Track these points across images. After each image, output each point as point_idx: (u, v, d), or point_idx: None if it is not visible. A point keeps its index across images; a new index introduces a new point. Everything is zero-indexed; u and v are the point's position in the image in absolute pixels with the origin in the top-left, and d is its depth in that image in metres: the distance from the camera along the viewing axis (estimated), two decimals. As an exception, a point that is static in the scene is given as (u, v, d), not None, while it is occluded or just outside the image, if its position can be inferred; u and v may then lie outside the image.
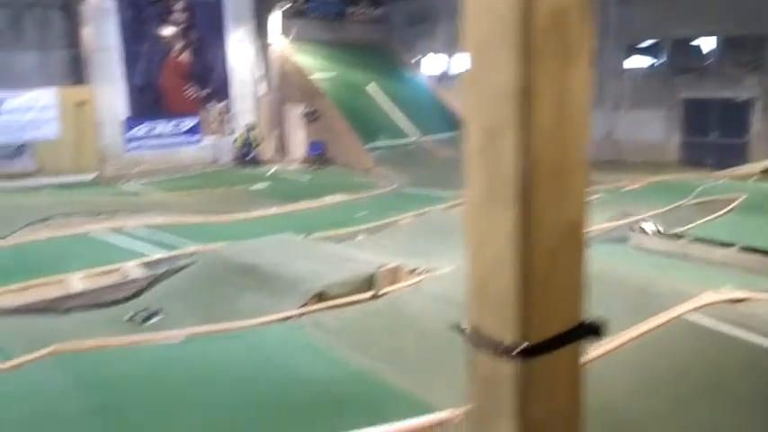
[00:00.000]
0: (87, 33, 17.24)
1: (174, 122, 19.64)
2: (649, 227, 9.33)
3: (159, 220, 11.21)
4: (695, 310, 5.09)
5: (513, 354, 1.79)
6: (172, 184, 16.53)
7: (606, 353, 4.53)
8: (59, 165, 16.89)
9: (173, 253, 8.89)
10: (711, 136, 17.91)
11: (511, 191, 1.70)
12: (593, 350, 4.58)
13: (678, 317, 4.99)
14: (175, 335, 5.67)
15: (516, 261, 1.74)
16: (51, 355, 5.20)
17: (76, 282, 7.70)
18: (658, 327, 4.88)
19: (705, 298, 5.26)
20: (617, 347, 4.63)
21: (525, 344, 1.78)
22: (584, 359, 1.87)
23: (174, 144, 19.69)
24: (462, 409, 4.25)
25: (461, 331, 2.04)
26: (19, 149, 16.73)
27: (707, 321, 4.94)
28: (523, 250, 1.73)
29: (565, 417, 1.96)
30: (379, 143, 19.93)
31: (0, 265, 8.44)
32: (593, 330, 1.93)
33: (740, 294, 5.58)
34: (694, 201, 12.15)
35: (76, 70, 17.53)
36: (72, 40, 17.36)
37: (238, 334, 5.87)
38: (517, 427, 1.85)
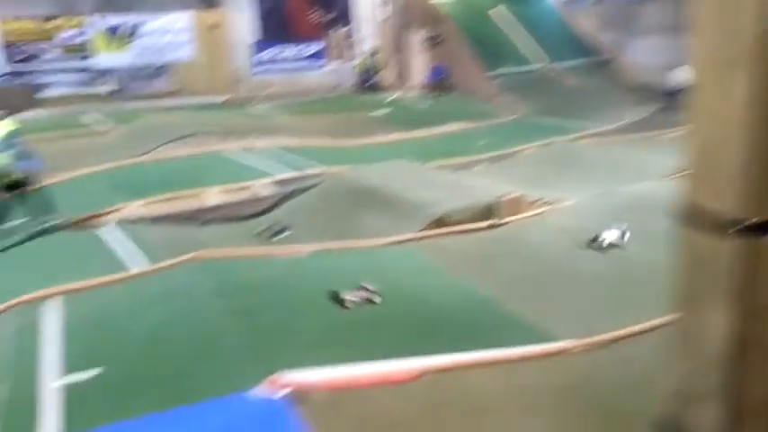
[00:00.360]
0: (220, -43, 17.71)
1: (299, 47, 19.99)
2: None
3: (287, 141, 11.64)
4: None
5: (740, 229, 1.60)
6: (296, 107, 17.00)
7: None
8: (195, 86, 17.84)
9: (300, 173, 9.24)
10: None
11: (753, 51, 1.50)
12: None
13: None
14: (302, 249, 5.97)
15: (755, 125, 1.54)
16: (192, 261, 5.66)
17: (213, 196, 8.24)
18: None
19: None
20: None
21: (755, 219, 1.58)
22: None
23: (299, 68, 20.13)
24: (581, 340, 4.21)
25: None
26: (158, 71, 17.79)
27: None
28: (764, 114, 1.53)
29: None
30: (503, 70, 19.23)
31: (144, 178, 9.19)
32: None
33: None
34: None
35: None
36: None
37: (361, 252, 6.08)
38: (737, 313, 1.68)
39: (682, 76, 15.58)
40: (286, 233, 7.13)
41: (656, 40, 19.85)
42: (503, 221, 6.69)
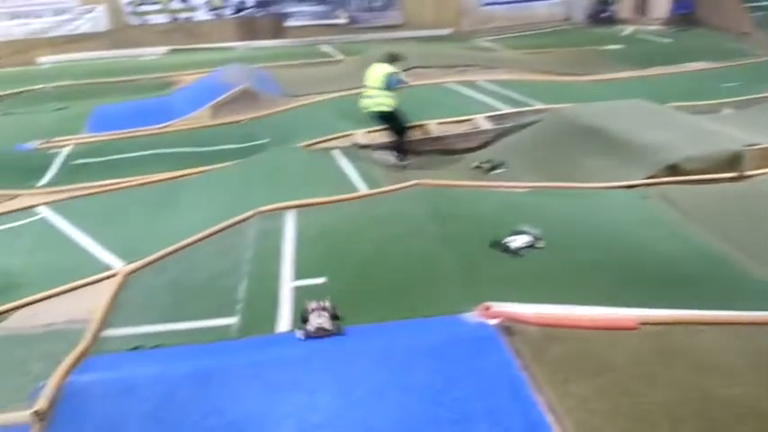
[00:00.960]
0: None
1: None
2: None
3: (509, 76, 11.41)
4: None
5: None
6: (522, 41, 16.47)
7: None
8: (422, 18, 18.08)
9: (520, 109, 9.06)
10: None
11: None
12: None
13: None
14: (521, 185, 5.93)
15: None
16: (413, 187, 5.93)
17: (434, 127, 8.45)
18: None
19: None
20: None
21: None
22: None
23: (527, 0, 19.34)
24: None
25: None
26: (387, 3, 18.27)
27: None
28: None
29: None
30: (762, 2, 16.65)
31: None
32: None
33: None
34: None
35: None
36: None
37: (581, 194, 5.87)
38: None
39: None
40: (502, 170, 7.12)
41: None
42: (748, 174, 5.98)
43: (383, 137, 8.08)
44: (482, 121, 8.67)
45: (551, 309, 3.83)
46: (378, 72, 7.80)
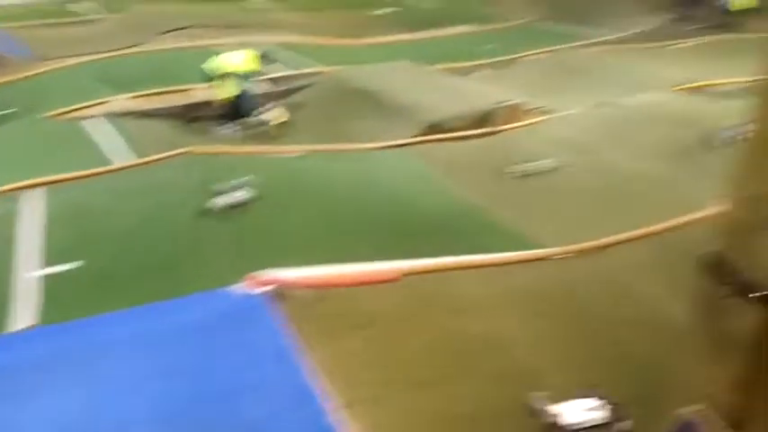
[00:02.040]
0: None
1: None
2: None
3: (284, 38, 11.22)
4: None
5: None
6: (297, 3, 16.28)
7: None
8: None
9: (293, 72, 8.96)
10: None
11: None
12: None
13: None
14: (294, 150, 5.88)
15: None
16: (183, 155, 5.59)
17: (201, 92, 8.02)
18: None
19: None
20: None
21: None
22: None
23: (301, -40, 19.11)
24: (565, 247, 4.21)
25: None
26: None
27: None
28: None
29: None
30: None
31: (132, 71, 8.85)
32: None
33: None
34: None
35: None
36: None
37: (353, 155, 6.00)
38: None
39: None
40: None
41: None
42: (498, 129, 6.56)
43: (147, 102, 7.53)
44: (256, 85, 8.41)
45: (321, 270, 3.87)
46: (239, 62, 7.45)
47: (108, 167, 5.49)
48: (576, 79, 8.97)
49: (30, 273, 3.95)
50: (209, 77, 7.58)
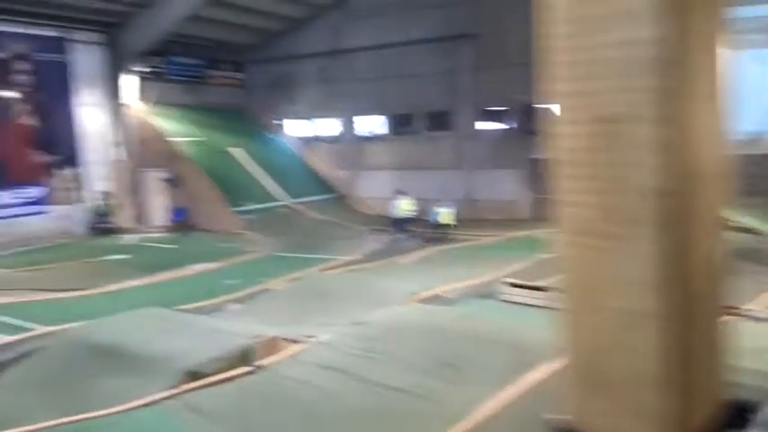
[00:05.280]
0: None
1: (16, 191, 17.98)
2: (514, 281, 9.75)
3: (1, 299, 10.05)
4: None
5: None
6: (18, 258, 14.95)
7: (495, 409, 4.56)
8: None
9: (20, 336, 7.95)
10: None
11: (649, 212, 1.13)
12: (481, 409, 4.60)
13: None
14: (27, 431, 4.99)
15: (663, 316, 1.16)
16: None
17: None
18: (544, 380, 5.02)
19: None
20: (505, 403, 4.68)
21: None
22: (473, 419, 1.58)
23: (17, 215, 17.95)
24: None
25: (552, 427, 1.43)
26: None
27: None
28: (673, 299, 1.17)
29: None
30: (247, 207, 19.53)
31: None
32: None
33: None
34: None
35: None
36: None
37: (100, 424, 5.28)
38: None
39: (404, 206, 17.45)
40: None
41: (382, 175, 22.13)
42: (260, 365, 6.44)
43: None
44: (-31, 360, 7.23)
45: None
46: None
47: None
48: (321, 302, 9.44)
49: None
50: None
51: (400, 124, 22.34)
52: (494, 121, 20.99)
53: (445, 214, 16.33)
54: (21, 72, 18.21)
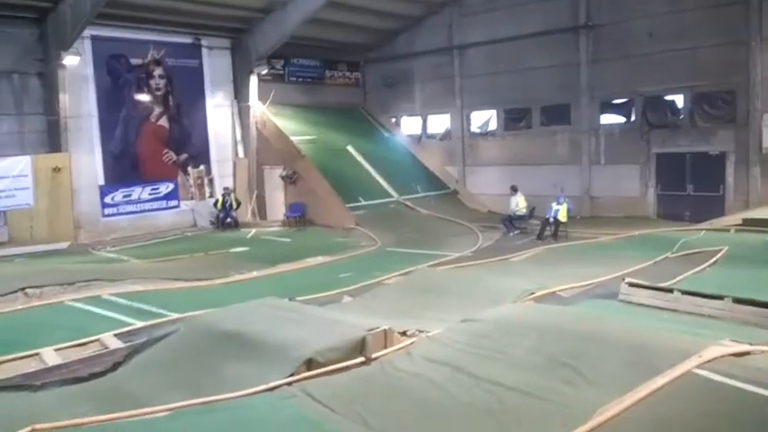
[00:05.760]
0: (64, 100, 17.14)
1: (150, 187, 19.46)
2: (636, 281, 9.26)
3: (137, 287, 10.89)
4: (702, 365, 4.95)
5: None
6: (150, 250, 16.20)
7: (618, 413, 4.34)
8: (33, 233, 16.50)
9: (152, 322, 8.57)
10: (687, 189, 18.20)
11: None
12: (605, 412, 4.40)
13: (686, 373, 4.85)
14: (159, 410, 5.35)
15: None
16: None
17: (52, 355, 7.33)
18: (668, 384, 4.72)
19: (710, 352, 5.13)
20: (628, 407, 4.44)
21: None
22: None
23: (151, 209, 19.45)
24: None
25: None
26: (-8, 219, 16.33)
27: (716, 376, 4.80)
28: None
29: None
30: (360, 203, 19.94)
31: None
32: None
33: (743, 347, 5.46)
34: (678, 254, 12.21)
35: (53, 137, 17.35)
36: (49, 106, 17.24)
37: (225, 406, 5.56)
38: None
39: (518, 202, 17.07)
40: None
41: (494, 171, 21.80)
42: (373, 357, 6.52)
43: None
44: (111, 340, 7.89)
45: None
46: None
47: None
48: (432, 298, 9.43)
49: None
50: None
51: (513, 119, 21.92)
52: (614, 114, 20.07)
53: (561, 211, 15.80)
54: (157, 76, 19.66)
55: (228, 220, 19.60)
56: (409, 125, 24.81)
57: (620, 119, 19.73)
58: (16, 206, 16.58)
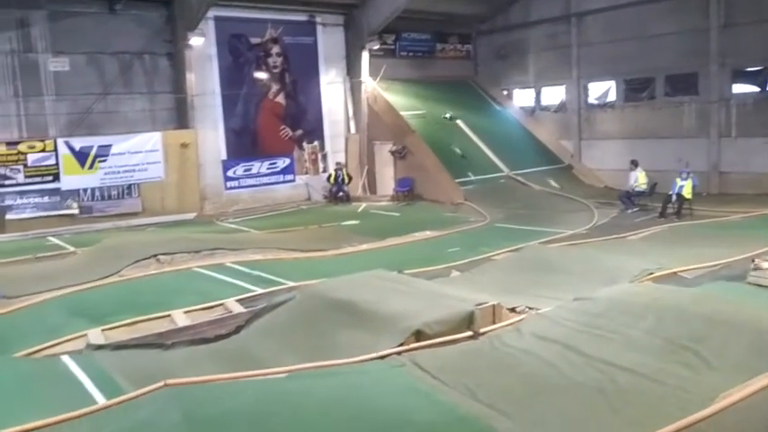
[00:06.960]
0: (191, 79, 18.24)
1: (268, 162, 20.34)
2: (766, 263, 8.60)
3: (257, 256, 11.51)
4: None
5: None
6: (267, 221, 17.02)
7: (742, 398, 4.11)
8: (163, 204, 17.82)
9: (271, 289, 9.05)
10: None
11: None
12: (728, 397, 4.19)
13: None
14: (278, 371, 5.69)
15: None
16: (160, 389, 5.32)
17: (182, 317, 7.95)
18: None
19: None
20: (753, 393, 4.20)
21: None
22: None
23: (269, 183, 20.37)
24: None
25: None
26: (127, 190, 17.75)
27: None
28: None
29: None
30: (469, 178, 19.79)
31: (107, 301, 8.85)
32: None
33: None
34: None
35: (181, 114, 18.55)
36: (177, 85, 18.42)
37: (339, 371, 5.81)
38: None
39: (638, 178, 16.22)
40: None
41: (612, 145, 20.82)
42: (482, 331, 6.54)
43: (121, 333, 7.38)
44: (234, 305, 8.43)
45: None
46: None
47: (85, 410, 5.12)
48: (542, 275, 9.24)
49: None
50: None
51: (634, 90, 20.74)
52: (748, 83, 18.50)
53: (686, 187, 14.87)
54: (274, 54, 20.38)
55: (340, 194, 20.14)
56: (522, 98, 24.17)
57: (755, 88, 18.16)
58: (149, 179, 17.92)
